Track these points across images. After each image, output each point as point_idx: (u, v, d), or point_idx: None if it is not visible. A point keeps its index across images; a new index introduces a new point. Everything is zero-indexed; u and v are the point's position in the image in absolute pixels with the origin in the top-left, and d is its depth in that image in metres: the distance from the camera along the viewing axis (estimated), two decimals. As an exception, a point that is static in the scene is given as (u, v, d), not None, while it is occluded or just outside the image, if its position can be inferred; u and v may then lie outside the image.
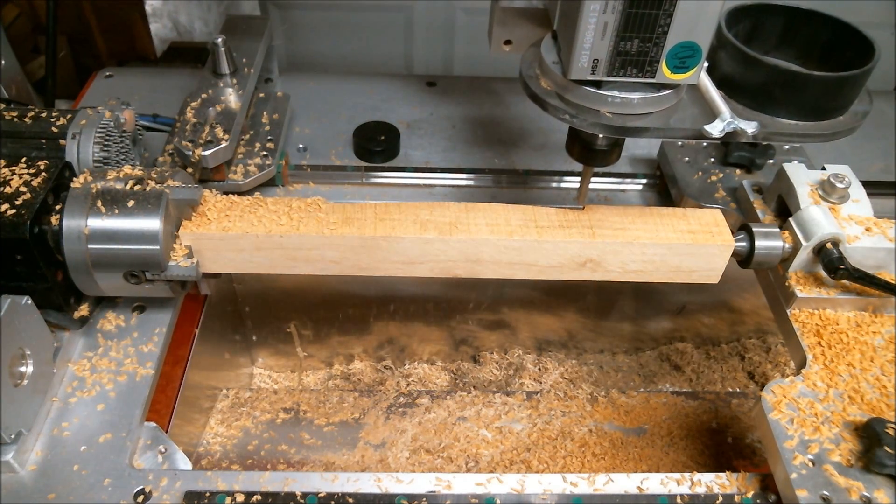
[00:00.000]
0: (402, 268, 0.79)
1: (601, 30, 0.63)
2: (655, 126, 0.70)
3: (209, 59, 1.00)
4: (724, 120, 0.69)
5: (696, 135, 0.70)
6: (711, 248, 0.78)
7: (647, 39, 0.64)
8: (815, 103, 0.73)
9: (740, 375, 1.21)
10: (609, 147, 0.79)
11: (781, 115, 0.73)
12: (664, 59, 0.65)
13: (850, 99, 0.75)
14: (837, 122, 0.74)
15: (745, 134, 0.69)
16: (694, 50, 0.65)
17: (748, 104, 0.74)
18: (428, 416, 1.05)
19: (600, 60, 0.65)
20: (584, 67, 0.66)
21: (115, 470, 0.67)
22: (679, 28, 0.63)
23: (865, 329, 0.77)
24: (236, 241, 0.76)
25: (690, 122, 0.70)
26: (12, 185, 0.70)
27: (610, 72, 0.66)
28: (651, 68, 0.66)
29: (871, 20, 1.42)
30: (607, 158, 0.80)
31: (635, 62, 0.66)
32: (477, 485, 0.68)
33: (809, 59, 0.80)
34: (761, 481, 0.68)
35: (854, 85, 0.74)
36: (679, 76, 0.67)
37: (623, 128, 0.69)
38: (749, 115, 0.73)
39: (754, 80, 0.72)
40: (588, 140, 0.78)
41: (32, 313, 0.69)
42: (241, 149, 0.98)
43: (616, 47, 0.64)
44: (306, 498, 0.66)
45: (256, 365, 1.22)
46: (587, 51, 0.65)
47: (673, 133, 0.70)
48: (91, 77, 1.23)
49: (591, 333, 1.20)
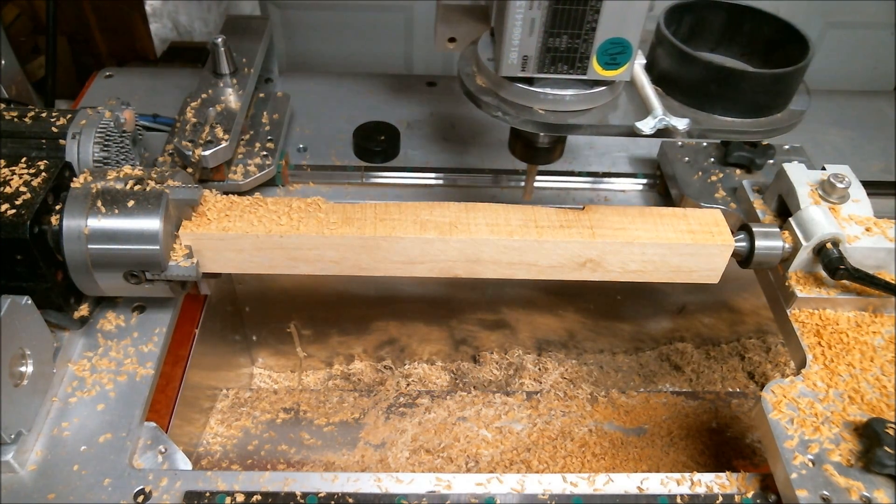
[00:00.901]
0: (402, 268, 0.79)
1: (528, 26, 0.63)
2: (588, 123, 0.70)
3: (209, 59, 1.00)
4: (655, 117, 0.69)
5: (628, 132, 0.70)
6: (711, 248, 0.78)
7: (575, 36, 0.64)
8: (750, 100, 0.72)
9: (740, 375, 1.21)
10: (551, 144, 0.78)
11: (718, 112, 0.73)
12: (595, 56, 0.65)
13: (786, 96, 0.75)
14: (775, 120, 0.74)
15: (677, 130, 0.69)
16: (624, 46, 0.65)
17: (685, 101, 0.74)
18: (428, 416, 1.05)
19: (530, 57, 0.65)
20: (515, 64, 0.66)
21: (115, 470, 0.67)
22: (607, 24, 0.63)
23: (865, 329, 0.77)
24: (236, 241, 0.76)
25: (625, 119, 0.70)
26: (12, 185, 0.70)
27: (540, 68, 0.66)
28: (582, 65, 0.66)
29: (872, 20, 1.42)
30: (550, 156, 0.80)
31: (565, 58, 0.65)
32: (477, 485, 0.68)
33: (752, 56, 0.80)
34: (761, 481, 0.68)
35: (788, 82, 0.74)
36: (611, 73, 0.67)
37: (556, 125, 0.69)
38: (685, 112, 0.73)
39: (690, 77, 0.72)
40: (529, 138, 0.78)
41: (32, 313, 0.69)
42: (241, 149, 0.98)
43: (545, 43, 0.64)
44: (306, 498, 0.66)
45: (256, 365, 1.22)
46: (516, 47, 0.65)
47: (606, 130, 0.70)
48: (91, 77, 1.23)
49: (591, 333, 1.20)
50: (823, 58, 1.48)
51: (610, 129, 0.70)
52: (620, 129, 0.70)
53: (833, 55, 1.47)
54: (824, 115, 1.24)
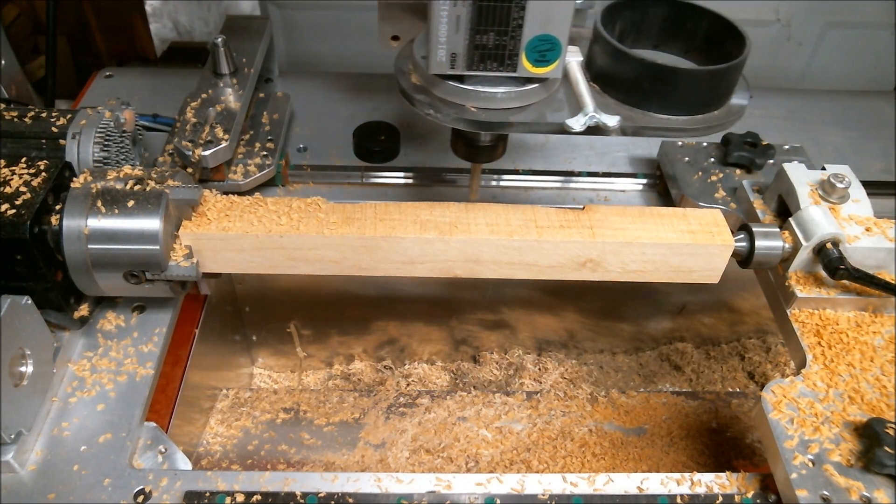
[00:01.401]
0: (402, 268, 0.79)
1: (454, 23, 0.63)
2: (519, 121, 0.69)
3: (209, 59, 1.00)
4: (586, 114, 0.69)
5: (559, 129, 0.69)
6: (711, 248, 0.78)
7: (502, 33, 0.63)
8: (684, 97, 0.72)
9: (740, 375, 1.21)
10: (493, 143, 0.78)
11: (653, 110, 0.72)
12: (523, 53, 0.65)
13: (722, 94, 0.74)
14: (712, 117, 0.74)
15: (608, 128, 0.69)
16: (553, 43, 0.64)
17: (621, 99, 0.73)
18: (428, 416, 1.05)
19: (458, 54, 0.65)
20: (444, 62, 0.66)
21: (115, 470, 0.67)
22: (533, 21, 0.63)
23: (865, 329, 0.77)
24: (236, 241, 0.76)
25: (557, 117, 0.70)
26: (12, 185, 0.70)
27: (469, 66, 0.66)
28: (511, 62, 0.65)
29: (872, 20, 1.42)
30: (492, 154, 0.79)
31: (494, 56, 0.65)
32: (477, 485, 0.68)
33: (695, 53, 0.79)
34: (761, 481, 0.68)
35: (722, 79, 0.73)
36: (541, 70, 0.66)
37: (486, 123, 0.69)
38: (621, 109, 0.72)
39: (625, 74, 0.72)
40: (471, 137, 0.77)
41: (32, 313, 0.69)
42: (241, 149, 0.98)
43: (472, 41, 0.64)
44: (306, 498, 0.66)
45: (256, 365, 1.22)
46: (443, 45, 0.64)
47: (538, 128, 0.70)
48: (91, 77, 1.23)
49: (591, 333, 1.20)
50: (823, 58, 1.48)
51: (542, 126, 0.70)
52: (552, 127, 0.70)
53: (833, 55, 1.47)
54: (824, 115, 1.24)
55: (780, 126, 1.20)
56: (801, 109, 1.24)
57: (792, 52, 1.47)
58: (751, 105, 1.25)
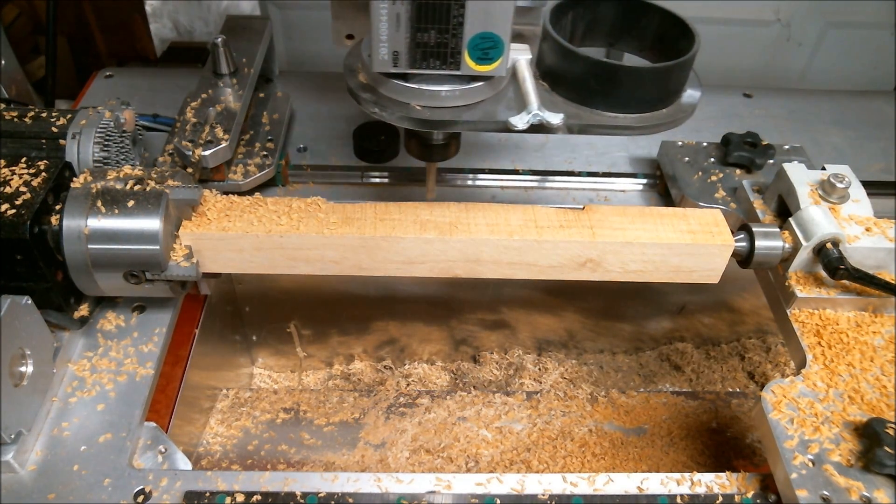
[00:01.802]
0: (402, 268, 0.79)
1: (395, 21, 0.62)
2: (464, 119, 0.69)
3: (209, 59, 1.00)
4: (529, 112, 0.68)
5: (503, 127, 0.69)
6: (711, 248, 0.78)
7: (443, 31, 0.63)
8: (630, 95, 0.71)
9: (740, 375, 1.21)
10: (446, 141, 0.77)
11: (600, 108, 0.72)
12: (466, 51, 0.64)
13: (671, 91, 0.74)
14: (660, 115, 0.73)
15: (551, 125, 0.68)
16: (495, 41, 0.64)
17: (569, 97, 0.73)
18: (428, 416, 1.05)
19: (400, 53, 0.65)
20: (386, 60, 0.65)
21: (115, 470, 0.67)
22: (474, 19, 0.62)
23: (865, 329, 0.77)
24: (236, 241, 0.76)
25: (503, 115, 0.69)
26: (12, 185, 0.70)
27: (412, 64, 0.66)
28: (454, 60, 0.65)
29: (872, 20, 1.42)
30: (445, 153, 0.79)
31: (436, 54, 0.65)
32: (477, 485, 0.68)
33: (649, 51, 0.78)
34: (761, 481, 0.68)
35: (669, 77, 0.72)
36: (484, 67, 0.66)
37: (430, 121, 0.69)
38: (568, 107, 0.72)
39: (572, 72, 0.71)
40: (424, 136, 0.77)
41: (32, 313, 0.69)
42: (241, 149, 0.98)
43: (413, 39, 0.64)
44: (306, 498, 0.66)
45: (256, 365, 1.22)
46: (385, 43, 0.64)
47: (482, 126, 0.70)
48: (91, 77, 1.23)
49: (591, 333, 1.20)
50: (823, 58, 1.48)
51: (486, 124, 0.69)
52: (496, 125, 0.69)
53: (833, 55, 1.47)
54: (824, 115, 1.24)
55: (780, 126, 1.20)
56: (801, 109, 1.24)
57: (792, 52, 1.47)
58: (751, 105, 1.26)
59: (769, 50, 1.46)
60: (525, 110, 0.69)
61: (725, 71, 1.45)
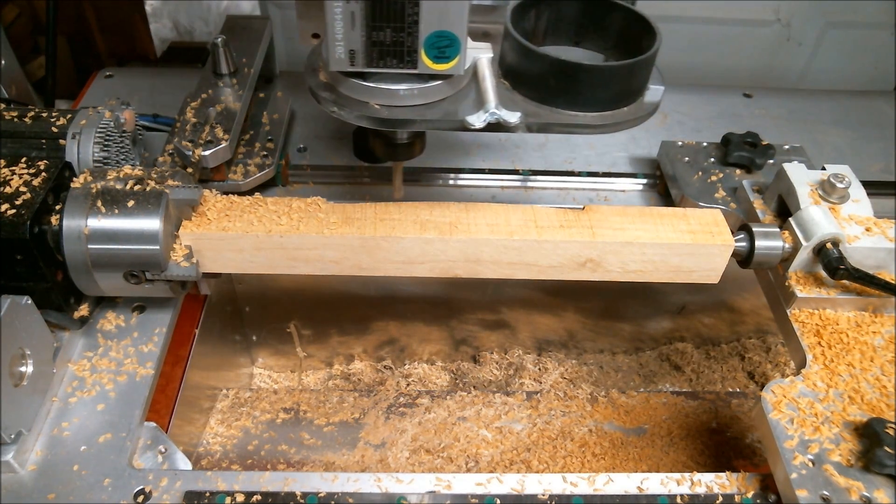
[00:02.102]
0: (402, 268, 0.79)
1: (350, 20, 0.62)
2: (422, 118, 0.69)
3: (209, 59, 1.00)
4: (487, 110, 0.68)
5: (460, 126, 0.68)
6: (711, 248, 0.78)
7: (399, 29, 0.63)
8: (590, 94, 0.70)
9: (740, 375, 1.21)
10: (410, 140, 0.77)
11: (560, 106, 0.71)
12: (422, 49, 0.64)
13: (631, 90, 0.73)
14: (620, 113, 0.72)
15: (509, 124, 0.68)
16: (451, 39, 0.64)
17: (529, 95, 0.72)
18: (428, 416, 1.05)
19: (357, 51, 0.64)
20: (343, 59, 0.65)
21: (115, 470, 0.67)
22: (429, 17, 0.62)
23: (865, 329, 0.77)
24: (236, 241, 0.76)
25: (461, 114, 0.69)
26: (12, 185, 0.70)
27: (369, 63, 0.65)
28: (411, 59, 0.65)
29: (872, 20, 1.42)
30: (410, 152, 0.78)
31: (393, 52, 0.65)
32: (477, 485, 0.68)
33: (614, 49, 0.78)
34: (761, 481, 0.68)
35: (629, 76, 0.71)
36: (441, 66, 0.65)
37: (389, 120, 0.68)
38: (528, 106, 0.71)
39: (531, 71, 0.70)
40: (388, 135, 0.76)
41: (32, 313, 0.69)
42: (241, 149, 0.98)
43: (369, 38, 0.63)
44: (306, 498, 0.66)
45: (256, 365, 1.22)
46: (341, 42, 0.64)
47: (440, 124, 0.69)
48: (91, 77, 1.23)
49: (591, 333, 1.20)
50: (823, 58, 1.48)
51: (445, 123, 0.69)
52: (454, 124, 0.69)
53: (833, 55, 1.47)
54: (824, 115, 1.24)
55: (780, 126, 1.20)
56: (801, 109, 1.24)
57: (792, 52, 1.47)
58: (751, 105, 1.26)
59: (769, 50, 1.46)
60: (482, 109, 0.68)
61: (725, 71, 1.45)
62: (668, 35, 1.51)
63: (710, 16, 1.40)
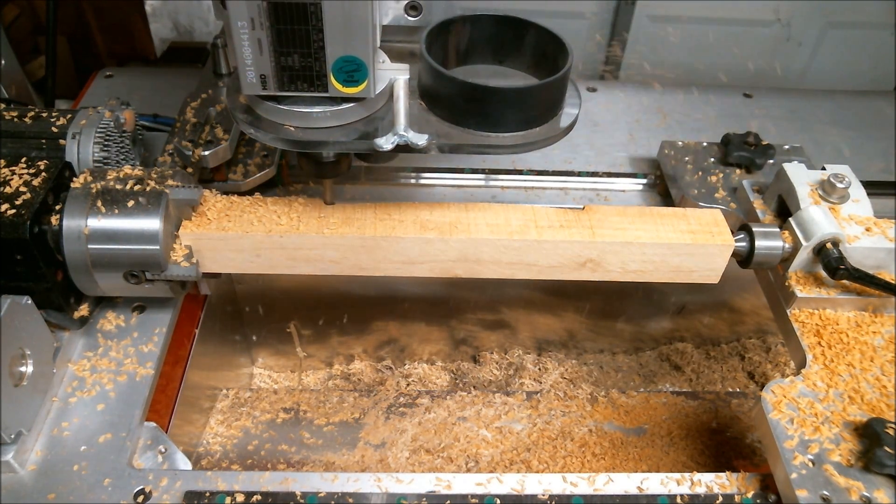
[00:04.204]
0: (402, 268, 0.79)
1: (257, 46, 0.63)
2: (335, 140, 0.70)
3: (209, 59, 1.00)
4: (395, 133, 0.68)
5: (371, 147, 0.69)
6: (711, 248, 0.78)
7: (306, 55, 0.64)
8: (501, 116, 0.70)
9: (740, 375, 1.21)
10: (336, 159, 0.78)
11: (472, 127, 0.71)
12: (331, 74, 0.65)
13: (543, 110, 0.73)
14: (532, 133, 0.72)
15: (417, 146, 0.68)
16: (358, 64, 0.65)
17: (443, 116, 0.73)
18: (428, 416, 1.05)
19: (267, 76, 0.65)
20: (255, 83, 0.66)
21: (115, 470, 0.67)
22: (334, 43, 0.63)
23: (865, 329, 0.77)
24: (236, 241, 0.76)
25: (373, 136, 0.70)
26: (12, 185, 0.70)
27: (280, 86, 0.66)
28: (321, 82, 0.66)
29: (872, 20, 1.42)
30: (336, 169, 0.79)
31: (303, 76, 0.66)
32: (477, 485, 0.68)
33: (533, 68, 0.78)
34: (761, 481, 0.68)
35: (538, 97, 0.71)
36: (351, 89, 0.66)
37: (302, 142, 0.69)
38: (442, 126, 0.72)
39: (443, 92, 0.71)
40: (314, 155, 0.77)
41: (32, 313, 0.69)
42: (241, 149, 0.98)
43: (278, 63, 0.64)
44: (306, 498, 0.66)
45: (256, 365, 1.22)
46: (251, 66, 0.65)
47: (352, 146, 0.70)
48: (91, 77, 1.23)
49: (591, 333, 1.20)
50: (823, 58, 1.48)
51: (356, 144, 0.70)
52: (366, 146, 0.70)
53: (833, 55, 1.47)
54: (824, 115, 1.24)
55: (780, 126, 1.20)
56: (801, 109, 1.24)
57: (792, 52, 1.47)
58: (751, 105, 1.26)
59: (769, 50, 1.46)
60: (391, 131, 0.69)
61: (725, 71, 1.45)
62: (668, 35, 1.53)
63: (710, 16, 1.40)
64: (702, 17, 1.40)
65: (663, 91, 1.26)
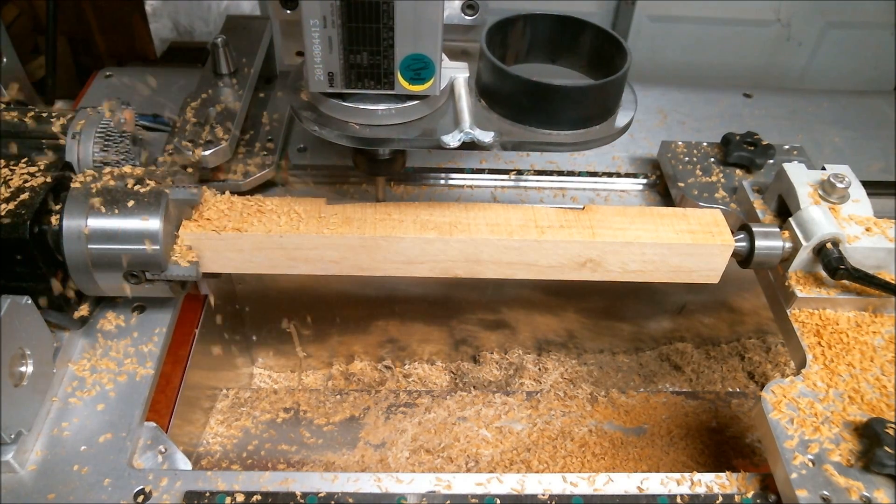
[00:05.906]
0: (402, 268, 0.79)
1: (327, 44, 0.64)
2: (399, 137, 0.70)
3: (209, 59, 1.00)
4: (461, 130, 0.69)
5: (436, 145, 0.70)
6: (711, 248, 0.78)
7: (375, 52, 0.65)
8: (562, 114, 0.71)
9: (740, 375, 1.21)
10: (392, 156, 0.79)
11: (533, 125, 0.72)
12: (398, 72, 0.66)
13: (603, 108, 0.74)
14: (592, 132, 0.73)
15: (483, 143, 0.69)
16: (426, 62, 0.66)
17: (504, 114, 0.73)
18: (428, 416, 1.05)
19: (335, 73, 0.66)
20: (322, 80, 0.67)
21: (115, 470, 0.67)
22: (403, 41, 0.64)
23: (865, 329, 0.77)
24: (236, 241, 0.76)
25: (438, 133, 0.70)
26: (12, 185, 0.70)
27: (347, 84, 0.67)
28: (388, 80, 0.67)
29: (872, 20, 1.42)
30: (392, 167, 0.80)
31: (370, 74, 0.67)
32: (477, 485, 0.68)
33: (587, 68, 0.79)
34: (761, 481, 0.68)
35: (599, 96, 0.72)
36: (417, 87, 0.68)
37: (368, 139, 0.70)
38: (503, 125, 0.72)
39: (505, 90, 0.72)
40: (370, 152, 0.78)
41: (32, 313, 0.69)
42: (241, 149, 0.98)
43: (347, 60, 0.65)
44: (306, 498, 0.66)
45: (256, 365, 1.22)
46: (319, 64, 0.66)
47: (418, 143, 0.71)
48: (91, 77, 1.23)
49: (591, 333, 1.20)
50: (823, 58, 1.48)
51: (421, 141, 0.71)
52: (431, 143, 0.70)
53: (833, 55, 1.47)
54: (824, 115, 1.24)
55: (780, 126, 1.20)
56: (801, 109, 1.24)
57: (792, 52, 1.47)
58: (751, 105, 1.26)
59: (769, 50, 1.46)
60: (458, 128, 0.70)
61: (725, 71, 1.45)
62: (668, 35, 1.53)
63: (710, 16, 1.40)
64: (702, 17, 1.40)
65: (663, 91, 1.26)
